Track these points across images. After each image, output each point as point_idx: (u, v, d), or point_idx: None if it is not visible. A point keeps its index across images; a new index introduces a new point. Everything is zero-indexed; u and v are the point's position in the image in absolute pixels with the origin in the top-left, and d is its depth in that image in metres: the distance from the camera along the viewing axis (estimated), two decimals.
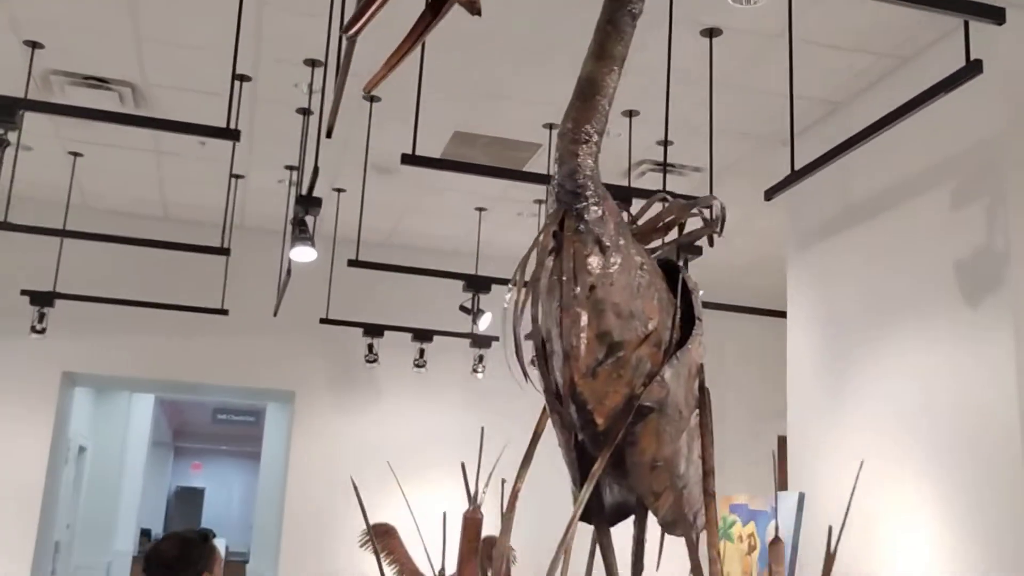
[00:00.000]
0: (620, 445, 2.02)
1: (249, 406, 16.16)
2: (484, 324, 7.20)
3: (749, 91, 5.74)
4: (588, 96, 1.97)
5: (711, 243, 2.30)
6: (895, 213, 5.26)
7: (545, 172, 6.37)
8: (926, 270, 4.94)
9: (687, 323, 2.17)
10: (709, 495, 2.18)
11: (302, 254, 5.14)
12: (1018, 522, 4.20)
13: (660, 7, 4.35)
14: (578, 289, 1.95)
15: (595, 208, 2.00)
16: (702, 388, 2.21)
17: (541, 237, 2.03)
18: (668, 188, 6.49)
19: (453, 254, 8.77)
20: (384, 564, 5.52)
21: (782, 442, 6.24)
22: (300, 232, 4.96)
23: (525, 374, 2.03)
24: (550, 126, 6.32)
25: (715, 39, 5.10)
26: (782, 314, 6.40)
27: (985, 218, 4.59)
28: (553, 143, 6.55)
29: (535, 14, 5.05)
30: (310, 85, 5.82)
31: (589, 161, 1.98)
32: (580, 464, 2.16)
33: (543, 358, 2.08)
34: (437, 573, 2.92)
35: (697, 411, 2.19)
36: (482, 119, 6.39)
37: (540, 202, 7.60)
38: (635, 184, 6.50)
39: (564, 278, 1.96)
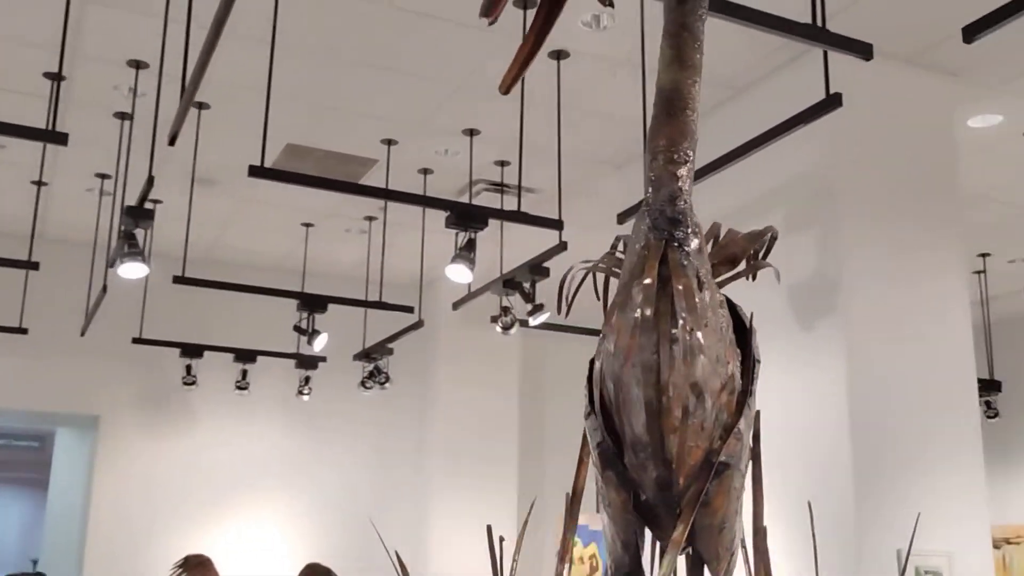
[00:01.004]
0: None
1: (34, 430, 14.96)
2: (319, 345, 6.91)
3: (592, 114, 5.80)
4: (678, 110, 1.79)
5: (753, 277, 2.21)
6: None
7: (384, 186, 6.21)
8: (762, 294, 5.09)
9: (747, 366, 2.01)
10: (761, 554, 2.00)
11: (132, 270, 4.73)
12: (846, 538, 4.36)
13: (510, 28, 4.28)
14: (699, 333, 1.77)
15: (695, 239, 1.82)
16: (756, 437, 2.03)
17: (644, 270, 1.81)
18: (506, 208, 6.49)
19: (275, 270, 8.42)
20: None
21: None
22: (129, 247, 4.57)
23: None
24: (388, 141, 6.17)
25: (563, 61, 5.11)
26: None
27: (819, 244, 4.79)
28: (392, 158, 6.42)
29: (374, 26, 4.87)
30: (132, 88, 5.43)
31: (688, 184, 1.80)
32: (638, 528, 1.92)
33: (615, 407, 1.85)
34: None
35: (751, 463, 2.02)
36: (317, 132, 6.15)
37: (371, 219, 7.40)
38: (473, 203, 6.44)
39: (681, 318, 1.77)
